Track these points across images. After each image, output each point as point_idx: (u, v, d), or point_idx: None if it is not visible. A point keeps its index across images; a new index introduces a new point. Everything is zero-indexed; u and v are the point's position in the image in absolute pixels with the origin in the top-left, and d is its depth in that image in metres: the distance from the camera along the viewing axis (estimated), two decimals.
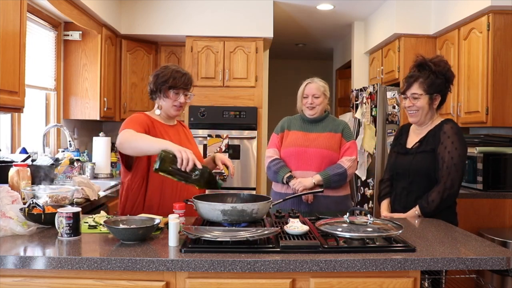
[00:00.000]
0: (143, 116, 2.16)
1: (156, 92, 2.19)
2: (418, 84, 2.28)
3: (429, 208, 2.18)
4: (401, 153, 2.41)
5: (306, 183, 2.53)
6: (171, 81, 2.14)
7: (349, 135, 2.69)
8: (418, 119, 2.32)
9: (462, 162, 2.21)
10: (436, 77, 2.26)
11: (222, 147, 4.33)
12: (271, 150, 2.72)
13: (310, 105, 2.66)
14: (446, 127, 2.25)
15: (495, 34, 3.30)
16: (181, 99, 2.17)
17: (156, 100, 2.23)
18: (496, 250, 1.58)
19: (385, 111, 4.09)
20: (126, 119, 2.12)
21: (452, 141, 2.20)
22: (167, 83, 2.14)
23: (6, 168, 2.43)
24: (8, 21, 2.34)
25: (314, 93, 2.66)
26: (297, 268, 1.44)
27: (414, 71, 2.34)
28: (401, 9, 4.28)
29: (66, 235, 1.63)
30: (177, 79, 2.14)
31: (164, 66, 2.23)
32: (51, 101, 3.85)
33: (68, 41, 3.95)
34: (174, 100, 2.16)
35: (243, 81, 4.48)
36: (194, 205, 1.80)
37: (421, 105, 2.28)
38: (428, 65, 2.28)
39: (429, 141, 2.28)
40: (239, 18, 4.47)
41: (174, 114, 2.22)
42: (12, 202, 1.80)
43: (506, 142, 3.30)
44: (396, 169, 2.42)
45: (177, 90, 2.15)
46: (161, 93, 2.17)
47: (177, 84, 2.14)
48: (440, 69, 2.26)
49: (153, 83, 2.18)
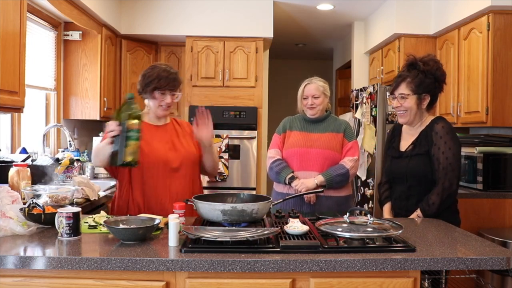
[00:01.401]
0: None
1: (143, 93, 2.20)
2: (406, 84, 2.25)
3: (430, 210, 2.18)
4: (395, 157, 2.38)
5: (309, 184, 2.51)
6: (156, 82, 2.13)
7: (351, 135, 2.68)
8: (407, 119, 2.30)
9: (457, 161, 2.20)
10: (425, 77, 2.23)
11: (222, 147, 4.33)
12: (273, 151, 2.71)
13: (311, 105, 2.65)
14: (437, 127, 2.23)
15: (495, 34, 3.29)
16: (167, 99, 2.16)
17: (145, 100, 2.24)
18: (496, 250, 1.58)
19: (385, 111, 4.09)
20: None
21: (445, 141, 2.19)
22: (152, 84, 2.14)
23: (6, 168, 2.43)
24: (8, 21, 2.34)
25: (313, 94, 2.65)
26: (297, 268, 1.44)
27: (404, 70, 2.31)
28: (401, 9, 4.28)
29: (66, 235, 1.63)
30: (162, 80, 2.13)
31: (152, 66, 2.23)
32: (51, 101, 3.86)
33: (68, 41, 3.95)
34: (160, 101, 2.16)
35: (243, 81, 4.48)
36: (194, 205, 1.80)
37: (408, 105, 2.26)
38: (418, 65, 2.25)
39: (422, 143, 2.26)
40: (239, 18, 4.47)
41: (162, 114, 2.22)
42: (12, 202, 1.80)
43: (506, 142, 3.30)
44: (392, 173, 2.40)
45: (163, 91, 2.15)
46: (147, 94, 2.17)
47: (162, 86, 2.13)
48: (429, 68, 2.23)
49: (140, 83, 2.19)
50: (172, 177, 2.16)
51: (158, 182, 2.14)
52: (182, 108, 4.66)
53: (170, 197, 2.13)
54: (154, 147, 2.15)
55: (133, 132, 1.82)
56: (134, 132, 1.82)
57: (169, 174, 2.16)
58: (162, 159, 2.14)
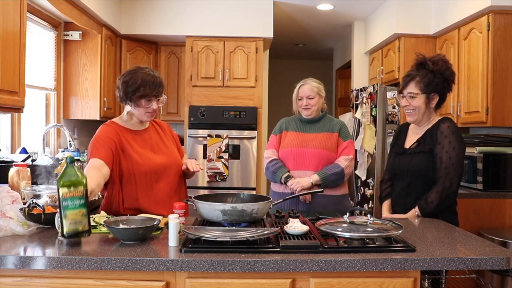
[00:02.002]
0: (109, 130, 2.06)
1: (126, 100, 2.07)
2: (415, 83, 2.27)
3: (428, 208, 2.18)
4: (399, 153, 2.40)
5: (304, 183, 2.54)
6: (142, 90, 2.02)
7: (346, 134, 2.70)
8: (415, 118, 2.32)
9: (460, 162, 2.21)
10: (434, 76, 2.24)
11: (222, 147, 4.34)
12: (269, 151, 2.75)
13: (305, 106, 2.68)
14: (443, 126, 2.24)
15: (495, 34, 3.29)
16: (153, 106, 2.07)
17: (126, 106, 2.12)
18: (496, 250, 1.57)
19: (385, 111, 4.09)
20: (94, 136, 2.04)
21: (449, 141, 2.19)
22: (137, 92, 2.02)
23: (6, 168, 2.43)
24: (8, 21, 2.34)
25: (308, 95, 2.68)
26: (297, 268, 1.44)
27: (413, 70, 2.32)
28: (401, 9, 4.28)
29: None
30: (147, 87, 2.02)
31: (132, 71, 2.08)
32: (51, 101, 3.86)
33: (68, 41, 3.95)
34: (146, 108, 2.07)
35: (243, 81, 4.48)
36: (194, 205, 1.80)
37: (417, 104, 2.27)
38: (427, 64, 2.26)
39: (426, 141, 2.27)
40: (239, 18, 4.47)
41: (148, 120, 2.15)
42: (12, 202, 1.79)
43: (506, 142, 3.30)
44: (394, 169, 2.42)
45: (149, 98, 2.05)
46: (131, 102, 2.06)
47: (148, 93, 2.03)
48: (438, 67, 2.24)
49: (122, 91, 2.05)
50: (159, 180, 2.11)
51: (146, 186, 2.08)
52: (182, 108, 4.66)
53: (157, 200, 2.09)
54: (139, 152, 2.09)
55: (69, 201, 1.54)
56: (70, 200, 1.54)
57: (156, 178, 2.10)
58: (149, 164, 2.09)
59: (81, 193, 1.55)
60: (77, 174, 1.55)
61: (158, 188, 2.11)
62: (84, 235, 1.56)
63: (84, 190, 1.56)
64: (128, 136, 2.10)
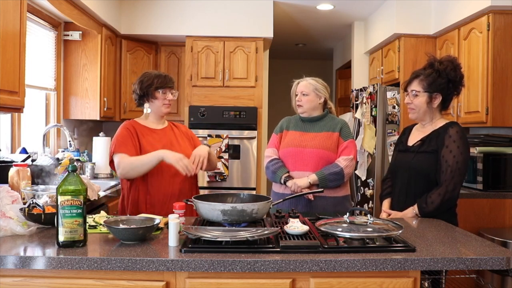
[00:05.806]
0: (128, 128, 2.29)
1: (143, 97, 2.34)
2: (418, 81, 2.28)
3: (427, 209, 2.18)
4: (401, 150, 2.41)
5: (301, 183, 2.49)
6: (156, 82, 2.30)
7: (347, 134, 2.64)
8: (416, 116, 2.33)
9: (465, 167, 2.22)
10: (438, 76, 2.24)
11: (222, 147, 4.33)
12: (270, 150, 2.71)
13: (298, 103, 2.66)
14: (451, 130, 2.23)
15: (495, 34, 3.29)
16: (169, 96, 2.34)
17: (144, 105, 2.37)
18: (496, 250, 1.58)
19: (385, 111, 4.09)
20: (115, 136, 2.29)
21: (458, 145, 2.19)
22: (153, 85, 2.30)
23: (6, 168, 2.43)
24: (8, 21, 2.34)
25: (302, 90, 2.65)
26: (297, 268, 1.44)
27: (421, 69, 2.34)
28: (401, 9, 4.28)
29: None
30: (161, 80, 2.32)
31: (144, 73, 2.38)
32: (51, 101, 3.86)
33: (68, 41, 3.95)
34: (163, 99, 2.33)
35: (243, 81, 4.48)
36: (194, 205, 1.80)
37: (418, 103, 2.28)
38: (434, 64, 2.27)
39: (432, 142, 2.26)
40: (239, 18, 4.47)
41: (165, 112, 2.38)
42: (12, 202, 1.80)
43: (506, 142, 3.30)
44: (395, 166, 2.42)
45: (164, 90, 2.32)
46: (149, 96, 2.33)
47: (163, 84, 2.32)
48: (443, 68, 2.24)
49: (139, 88, 2.33)
50: (174, 177, 2.25)
51: (161, 183, 2.23)
52: (182, 108, 4.66)
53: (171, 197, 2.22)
54: (156, 149, 2.24)
55: (67, 209, 1.54)
56: (68, 209, 1.54)
57: (172, 175, 2.24)
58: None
59: (80, 202, 1.56)
60: (77, 183, 1.57)
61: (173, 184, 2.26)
62: (79, 245, 1.55)
63: (83, 199, 1.57)
64: (144, 131, 2.33)
